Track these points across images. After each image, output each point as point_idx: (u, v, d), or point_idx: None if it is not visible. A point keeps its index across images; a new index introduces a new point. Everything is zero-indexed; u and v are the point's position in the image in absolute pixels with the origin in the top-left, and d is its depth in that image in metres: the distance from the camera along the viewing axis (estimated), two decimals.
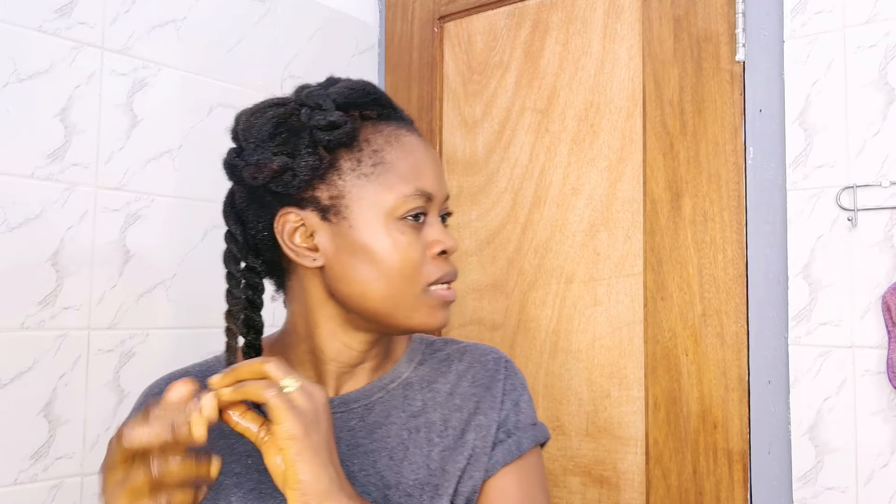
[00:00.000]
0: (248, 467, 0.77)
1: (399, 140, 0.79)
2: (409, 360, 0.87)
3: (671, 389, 1.22)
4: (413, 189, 0.76)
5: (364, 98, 0.79)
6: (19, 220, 1.09)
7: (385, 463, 0.78)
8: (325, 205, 0.76)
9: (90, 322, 1.16)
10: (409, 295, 0.76)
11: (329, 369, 0.81)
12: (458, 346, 0.90)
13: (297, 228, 0.77)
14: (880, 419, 1.04)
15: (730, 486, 1.16)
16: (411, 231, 0.76)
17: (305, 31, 1.51)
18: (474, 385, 0.85)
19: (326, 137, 0.75)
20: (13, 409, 1.08)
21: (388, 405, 0.82)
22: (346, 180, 0.76)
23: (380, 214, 0.76)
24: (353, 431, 0.80)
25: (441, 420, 0.82)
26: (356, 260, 0.76)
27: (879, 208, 1.05)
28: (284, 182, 0.76)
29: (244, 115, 0.81)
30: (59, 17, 1.14)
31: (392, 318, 0.77)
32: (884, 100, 1.05)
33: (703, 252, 1.21)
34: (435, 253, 0.77)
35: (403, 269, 0.75)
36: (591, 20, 1.36)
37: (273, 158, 0.75)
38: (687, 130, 1.23)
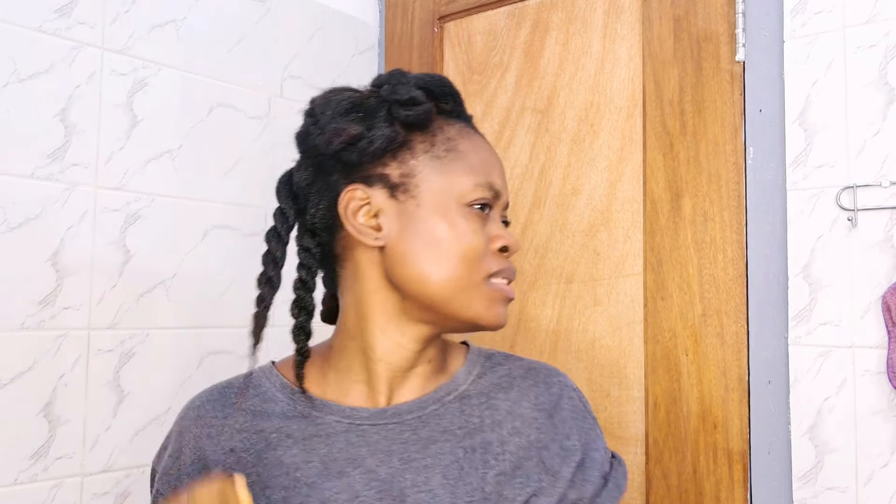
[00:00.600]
0: (297, 480, 0.74)
1: (470, 136, 0.80)
2: (467, 371, 0.83)
3: (671, 389, 1.22)
4: (483, 180, 0.77)
5: (441, 89, 0.79)
6: (19, 220, 1.09)
7: (438, 481, 0.74)
8: (394, 182, 0.76)
9: (90, 322, 1.16)
10: (468, 282, 0.75)
11: (380, 370, 0.78)
12: (520, 362, 0.86)
13: (362, 206, 0.76)
14: (880, 419, 1.04)
15: (730, 486, 1.16)
16: (477, 220, 0.76)
17: (305, 31, 1.51)
18: (536, 409, 0.81)
19: (405, 113, 0.76)
20: (13, 409, 1.08)
21: (443, 419, 0.78)
22: (419, 160, 0.76)
23: (449, 198, 0.75)
24: (406, 444, 0.76)
25: (498, 442, 0.78)
26: (420, 241, 0.74)
27: (879, 208, 1.05)
28: (359, 149, 0.75)
29: (320, 96, 0.81)
30: (59, 17, 1.14)
31: (449, 305, 0.75)
32: (884, 100, 1.05)
33: (703, 252, 1.21)
34: (496, 248, 0.77)
35: (466, 255, 0.74)
36: (591, 20, 1.36)
37: (349, 127, 0.76)
38: (687, 130, 1.23)
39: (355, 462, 0.74)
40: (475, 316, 0.76)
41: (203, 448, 0.77)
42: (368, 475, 0.73)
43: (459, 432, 0.77)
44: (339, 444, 0.75)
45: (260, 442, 0.76)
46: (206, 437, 0.77)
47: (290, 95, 1.47)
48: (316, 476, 0.73)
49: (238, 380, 0.82)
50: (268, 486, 0.73)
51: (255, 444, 0.76)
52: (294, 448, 0.75)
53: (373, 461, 0.74)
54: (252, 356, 0.78)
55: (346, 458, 0.74)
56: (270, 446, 0.75)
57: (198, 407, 0.80)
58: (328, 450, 0.75)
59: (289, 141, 0.82)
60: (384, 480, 0.73)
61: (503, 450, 0.77)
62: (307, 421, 0.76)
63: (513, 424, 0.79)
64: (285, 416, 0.77)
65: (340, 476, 0.73)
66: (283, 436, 0.76)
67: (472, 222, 0.75)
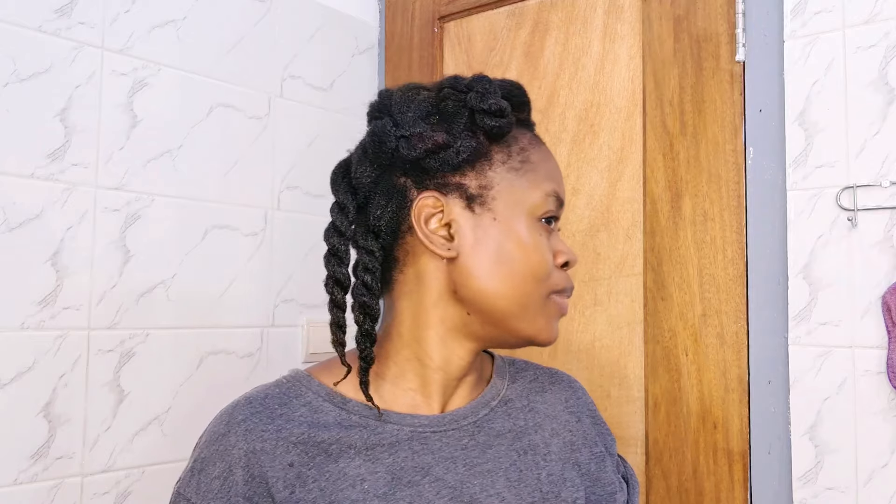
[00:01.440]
0: (366, 492, 0.71)
1: (539, 146, 0.79)
2: (500, 377, 0.84)
3: (671, 389, 1.22)
4: (552, 190, 0.76)
5: (521, 97, 0.79)
6: (19, 220, 1.09)
7: (503, 484, 0.75)
8: (472, 193, 0.74)
9: (90, 322, 1.16)
10: (536, 297, 0.74)
11: (436, 379, 0.76)
12: (540, 367, 0.89)
13: (435, 214, 0.74)
14: (880, 419, 1.04)
15: (730, 486, 1.16)
16: (545, 234, 0.76)
17: (305, 31, 1.51)
18: (567, 411, 0.84)
19: (491, 123, 0.74)
20: (13, 409, 1.08)
21: (495, 423, 0.79)
22: (497, 172, 0.75)
23: (523, 212, 0.74)
24: (467, 450, 0.75)
25: (543, 443, 0.80)
26: (492, 255, 0.73)
27: (879, 208, 1.05)
28: (443, 158, 0.74)
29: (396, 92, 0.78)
30: (59, 17, 1.14)
31: (514, 321, 0.74)
32: (884, 100, 1.05)
33: (703, 252, 1.21)
34: (560, 263, 0.77)
35: (538, 271, 0.74)
36: (591, 20, 1.36)
37: (433, 134, 0.74)
38: (687, 130, 1.23)
39: (423, 470, 0.73)
40: (536, 332, 0.75)
41: (260, 464, 0.70)
42: (438, 483, 0.72)
43: (510, 435, 0.78)
44: (403, 453, 0.73)
45: (320, 454, 0.71)
46: (260, 451, 0.70)
47: (290, 95, 1.47)
48: (385, 486, 0.71)
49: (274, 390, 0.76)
50: (333, 500, 0.70)
51: (315, 456, 0.71)
52: (357, 459, 0.72)
53: (440, 469, 0.73)
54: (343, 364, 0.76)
55: (413, 466, 0.73)
56: (332, 458, 0.71)
57: (243, 422, 0.72)
58: (393, 459, 0.72)
59: (289, 141, 0.81)
60: (454, 487, 0.73)
61: (548, 451, 0.79)
62: (367, 430, 0.73)
63: (552, 426, 0.82)
64: (342, 426, 0.73)
65: (410, 486, 0.71)
66: (343, 447, 0.72)
67: (542, 237, 0.75)
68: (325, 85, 1.54)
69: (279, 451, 0.71)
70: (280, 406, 0.74)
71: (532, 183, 0.75)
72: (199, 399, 1.27)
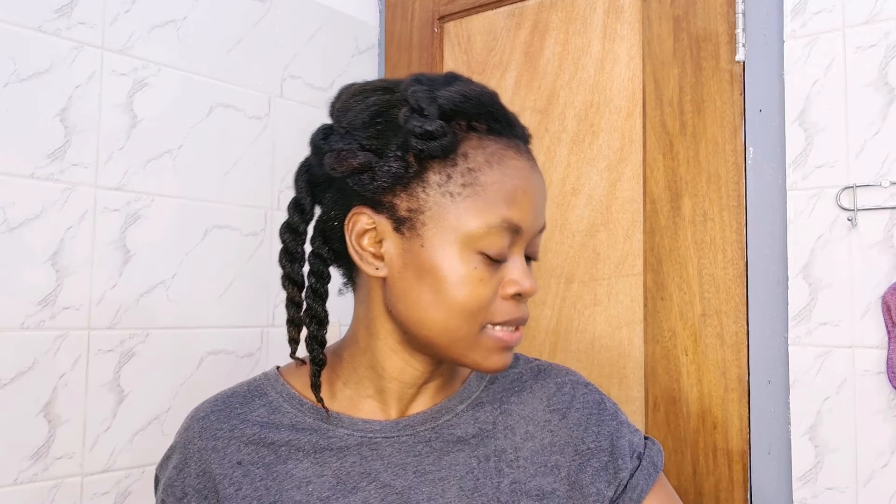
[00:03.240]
0: (310, 494, 0.72)
1: (502, 162, 0.70)
2: (479, 377, 0.81)
3: (671, 389, 1.22)
4: (500, 219, 0.68)
5: (476, 109, 0.70)
6: (19, 220, 1.09)
7: (454, 493, 0.73)
8: (401, 216, 0.69)
9: (90, 322, 1.16)
10: (467, 332, 0.69)
11: (391, 388, 0.75)
12: (530, 364, 0.84)
13: (368, 231, 0.71)
14: (880, 419, 1.04)
15: (730, 486, 1.16)
16: (486, 268, 0.69)
17: (305, 31, 1.51)
18: (549, 410, 0.80)
19: (419, 146, 0.68)
20: (13, 409, 1.08)
21: (456, 429, 0.76)
22: (430, 195, 0.69)
23: (456, 240, 0.68)
24: (420, 457, 0.74)
25: (512, 448, 0.76)
26: (420, 282, 0.69)
27: (879, 208, 1.05)
28: (361, 182, 0.69)
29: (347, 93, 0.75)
30: (59, 17, 1.14)
31: (447, 351, 0.71)
32: (884, 100, 1.05)
33: (703, 252, 1.21)
34: (509, 294, 0.70)
35: (467, 305, 0.68)
36: (591, 20, 1.36)
37: (358, 154, 0.69)
38: (687, 130, 1.23)
39: (370, 476, 0.73)
40: (472, 363, 0.71)
41: (209, 461, 0.74)
42: (384, 490, 0.72)
43: (473, 441, 0.76)
44: (352, 458, 0.73)
45: (269, 455, 0.73)
46: (211, 450, 0.74)
47: (290, 95, 1.47)
48: (329, 491, 0.72)
49: (242, 388, 0.79)
50: (278, 500, 0.71)
51: (265, 456, 0.73)
52: (305, 461, 0.73)
53: (388, 475, 0.73)
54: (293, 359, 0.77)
55: (360, 472, 0.73)
56: (280, 459, 0.73)
57: (202, 419, 0.76)
58: (340, 464, 0.73)
59: (289, 141, 0.81)
60: (400, 494, 0.72)
61: (517, 456, 0.76)
62: (318, 434, 0.74)
63: (526, 429, 0.78)
64: (295, 429, 0.74)
65: (355, 491, 0.72)
66: (293, 449, 0.73)
67: (481, 270, 0.68)
68: (325, 85, 1.54)
69: (230, 450, 0.74)
70: (241, 405, 0.76)
71: (471, 211, 0.68)
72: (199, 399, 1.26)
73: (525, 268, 0.71)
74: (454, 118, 0.70)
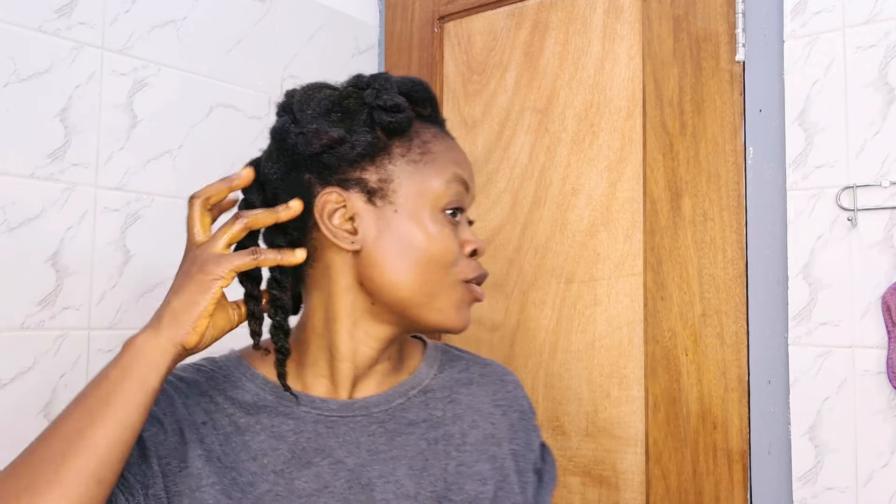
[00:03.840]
0: (264, 467, 0.75)
1: (443, 139, 0.81)
2: (428, 366, 0.86)
3: (671, 389, 1.22)
4: (452, 175, 0.78)
5: (422, 94, 0.80)
6: (19, 220, 1.09)
7: (404, 472, 0.77)
8: (372, 187, 0.76)
9: (90, 322, 1.16)
10: (442, 286, 0.76)
11: (343, 369, 0.79)
12: (476, 358, 0.90)
13: (338, 209, 0.76)
14: (880, 419, 1.04)
15: (729, 486, 1.16)
16: (450, 225, 0.77)
17: (305, 31, 1.51)
18: (493, 404, 0.85)
19: (388, 119, 0.76)
20: (13, 409, 1.08)
21: (408, 413, 0.81)
22: (397, 165, 0.77)
23: (425, 203, 0.76)
24: (374, 437, 0.78)
25: (459, 434, 0.81)
26: (395, 246, 0.75)
27: (879, 208, 1.05)
28: (339, 153, 0.76)
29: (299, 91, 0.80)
30: (59, 17, 1.14)
31: (420, 309, 0.76)
32: (884, 100, 1.05)
33: (703, 252, 1.21)
34: (468, 252, 0.79)
35: (441, 260, 0.76)
36: (591, 20, 1.36)
37: (330, 130, 0.75)
38: (687, 130, 1.23)
39: (324, 452, 0.76)
40: (444, 319, 0.77)
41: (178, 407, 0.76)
42: (337, 466, 0.75)
43: (424, 425, 0.80)
44: (307, 434, 0.77)
45: (229, 426, 0.77)
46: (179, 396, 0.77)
47: None
48: (283, 464, 0.75)
49: (206, 365, 0.83)
50: (233, 468, 0.74)
51: (224, 427, 0.77)
52: (262, 434, 0.76)
53: (341, 452, 0.76)
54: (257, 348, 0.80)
55: (315, 448, 0.76)
56: (239, 430, 0.76)
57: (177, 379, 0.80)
58: (296, 438, 0.76)
59: None
60: (352, 471, 0.75)
61: (463, 441, 0.81)
62: (277, 410, 0.78)
63: (472, 418, 0.83)
64: (255, 405, 0.78)
65: (309, 465, 0.75)
66: (252, 422, 0.77)
67: (446, 228, 0.77)
68: None
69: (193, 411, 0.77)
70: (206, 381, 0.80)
71: (433, 173, 0.77)
72: None
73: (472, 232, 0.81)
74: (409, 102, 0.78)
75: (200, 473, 0.73)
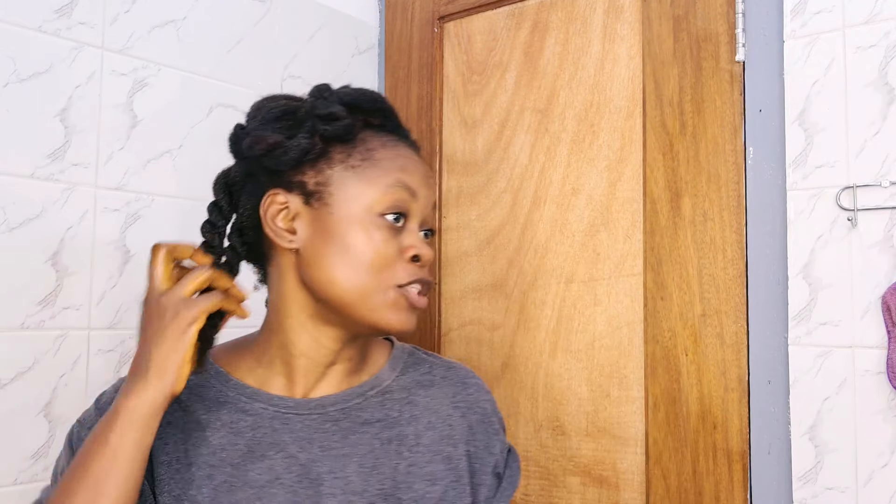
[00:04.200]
0: (222, 460, 0.79)
1: (395, 147, 0.83)
2: (391, 368, 0.89)
3: (671, 389, 1.22)
4: (394, 180, 0.80)
5: (370, 105, 0.83)
6: (19, 220, 1.09)
7: (354, 469, 0.80)
8: (310, 189, 0.80)
9: (90, 322, 1.16)
10: (375, 289, 0.78)
11: (299, 365, 0.83)
12: (441, 361, 0.93)
13: (282, 210, 0.80)
14: (880, 419, 1.04)
15: (729, 486, 1.16)
16: (388, 230, 0.79)
17: (305, 31, 1.51)
18: (452, 406, 0.88)
19: (324, 127, 0.80)
20: (13, 409, 1.08)
21: (364, 412, 0.84)
22: (335, 170, 0.80)
23: (360, 207, 0.79)
24: (327, 434, 0.81)
25: (413, 435, 0.84)
26: (331, 247, 0.78)
27: (879, 208, 1.05)
28: (275, 157, 0.80)
29: (258, 101, 0.85)
30: (59, 17, 1.14)
31: (356, 309, 0.79)
32: (884, 100, 1.05)
33: (702, 252, 1.21)
34: (408, 257, 0.80)
35: (374, 263, 0.78)
36: (591, 20, 1.36)
37: (272, 135, 0.80)
38: (687, 130, 1.23)
39: (278, 447, 0.80)
40: (380, 320, 0.79)
41: None
42: (289, 460, 0.79)
43: (378, 425, 0.83)
44: (264, 430, 0.80)
45: (191, 422, 0.81)
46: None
47: None
48: (240, 458, 0.79)
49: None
50: (193, 462, 0.79)
51: (186, 423, 0.81)
52: (222, 430, 0.80)
53: (294, 447, 0.80)
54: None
55: (270, 442, 0.80)
56: (200, 426, 0.80)
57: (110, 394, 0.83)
58: (253, 434, 0.80)
59: None
60: (304, 465, 0.79)
61: (417, 442, 0.84)
62: (237, 406, 0.82)
63: (428, 419, 0.85)
64: (216, 401, 0.82)
65: (263, 459, 0.79)
66: (212, 418, 0.81)
67: (383, 232, 0.79)
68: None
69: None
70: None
71: (372, 178, 0.79)
72: None
73: (422, 239, 0.82)
74: (353, 112, 0.82)
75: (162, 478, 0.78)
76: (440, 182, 1.53)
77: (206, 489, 0.78)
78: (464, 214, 1.49)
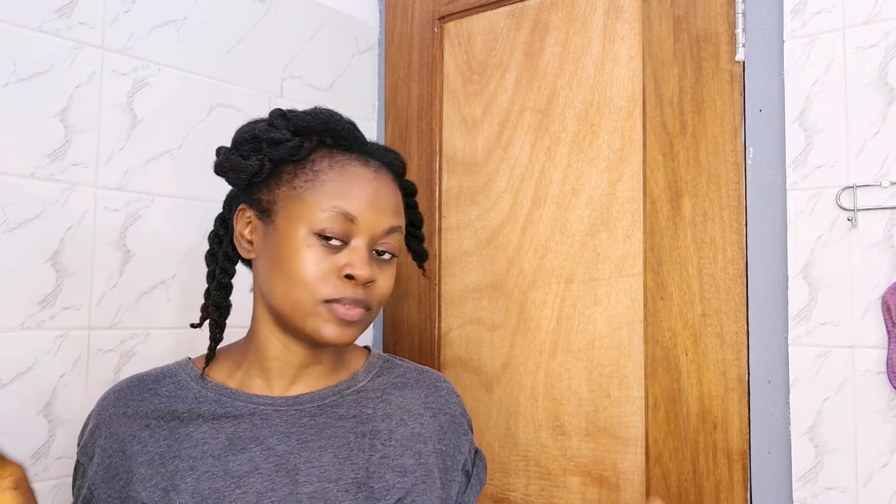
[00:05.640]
0: (204, 452, 0.84)
1: (343, 167, 0.87)
2: (366, 371, 0.96)
3: (671, 389, 1.22)
4: (332, 206, 0.84)
5: (322, 126, 0.87)
6: (19, 220, 1.09)
7: (329, 459, 0.86)
8: (263, 206, 0.88)
9: (90, 322, 1.16)
10: (305, 302, 0.83)
11: (273, 366, 0.90)
12: (414, 367, 1.01)
13: (248, 223, 0.90)
14: (880, 419, 1.04)
15: (729, 486, 1.16)
16: (321, 249, 0.84)
17: (305, 31, 1.51)
18: (424, 406, 0.95)
19: (268, 150, 0.86)
20: (13, 409, 1.08)
21: (339, 409, 0.90)
22: (281, 190, 0.86)
23: (298, 226, 0.84)
24: (304, 428, 0.88)
25: (387, 430, 0.90)
26: (272, 260, 0.85)
27: (879, 208, 1.05)
28: (232, 178, 0.88)
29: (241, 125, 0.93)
30: (59, 17, 1.14)
31: (293, 320, 0.85)
32: (884, 100, 1.05)
33: (703, 252, 1.21)
34: (343, 274, 0.84)
35: (304, 278, 0.83)
36: (591, 20, 1.36)
37: (230, 157, 0.88)
38: (687, 130, 1.23)
39: (257, 440, 0.86)
40: (313, 331, 0.84)
41: (119, 425, 0.87)
42: (268, 451, 0.85)
43: (353, 420, 0.90)
44: (244, 425, 0.87)
45: (174, 420, 0.87)
46: (122, 415, 0.88)
47: (290, 95, 1.47)
48: (221, 450, 0.85)
49: (156, 371, 0.94)
50: (177, 455, 0.84)
51: (170, 421, 0.87)
52: (204, 426, 0.86)
53: (273, 440, 0.86)
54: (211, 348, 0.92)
55: (250, 436, 0.86)
56: (183, 423, 0.87)
57: (117, 391, 0.91)
58: (234, 429, 0.86)
59: None
60: (281, 456, 0.85)
61: (390, 437, 0.90)
62: (217, 405, 0.88)
63: (401, 417, 0.92)
64: (198, 401, 0.89)
65: (243, 451, 0.85)
66: (194, 415, 0.87)
67: (315, 250, 0.83)
68: (325, 85, 1.54)
69: (139, 416, 0.87)
70: (153, 383, 0.91)
71: (311, 202, 0.84)
72: None
73: (363, 256, 0.85)
74: (306, 134, 0.87)
75: (144, 476, 0.84)
76: (440, 182, 1.53)
77: (189, 479, 0.83)
78: (464, 214, 1.49)
